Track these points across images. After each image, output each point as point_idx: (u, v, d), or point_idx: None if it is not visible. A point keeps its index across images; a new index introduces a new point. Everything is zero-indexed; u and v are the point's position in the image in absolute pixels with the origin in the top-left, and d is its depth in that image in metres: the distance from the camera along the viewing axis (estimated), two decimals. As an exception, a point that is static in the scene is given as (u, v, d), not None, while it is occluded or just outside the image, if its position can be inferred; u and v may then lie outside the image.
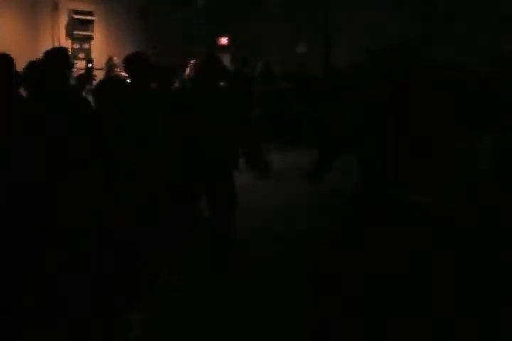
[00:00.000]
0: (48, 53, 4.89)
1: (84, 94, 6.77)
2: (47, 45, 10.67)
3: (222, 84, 9.02)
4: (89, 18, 14.20)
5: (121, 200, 4.07)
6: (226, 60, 15.79)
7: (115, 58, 9.99)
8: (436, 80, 1.32)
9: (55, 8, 13.67)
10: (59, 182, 3.39)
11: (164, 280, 4.69)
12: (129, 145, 4.50)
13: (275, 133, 12.42)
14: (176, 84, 7.99)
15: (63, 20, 13.95)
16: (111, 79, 7.79)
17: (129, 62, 4.92)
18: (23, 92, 4.47)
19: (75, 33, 14.09)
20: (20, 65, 4.33)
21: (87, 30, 14.29)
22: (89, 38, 14.35)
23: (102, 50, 13.58)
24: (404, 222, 1.27)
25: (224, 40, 16.55)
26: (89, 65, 11.52)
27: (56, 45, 12.72)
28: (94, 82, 7.17)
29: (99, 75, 9.09)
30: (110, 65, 10.06)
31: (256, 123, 11.28)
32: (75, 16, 13.95)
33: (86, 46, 14.38)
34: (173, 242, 4.93)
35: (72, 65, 5.04)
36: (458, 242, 1.28)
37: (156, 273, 4.59)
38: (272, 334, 3.98)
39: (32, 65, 3.86)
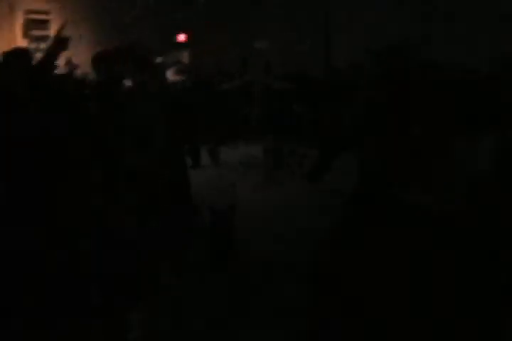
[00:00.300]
0: (7, 56, 4.28)
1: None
2: (3, 47, 10.59)
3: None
4: (45, 17, 14.21)
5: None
6: (185, 57, 15.67)
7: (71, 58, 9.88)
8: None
9: (11, 8, 13.67)
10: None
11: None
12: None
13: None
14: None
15: (19, 20, 13.94)
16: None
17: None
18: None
19: (32, 32, 14.09)
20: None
21: (44, 30, 14.25)
22: (46, 38, 14.27)
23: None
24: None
25: (182, 37, 16.37)
26: None
27: (13, 45, 12.66)
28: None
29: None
30: (70, 65, 9.88)
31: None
32: (31, 16, 14.00)
33: (43, 46, 14.23)
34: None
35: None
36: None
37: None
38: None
39: None
